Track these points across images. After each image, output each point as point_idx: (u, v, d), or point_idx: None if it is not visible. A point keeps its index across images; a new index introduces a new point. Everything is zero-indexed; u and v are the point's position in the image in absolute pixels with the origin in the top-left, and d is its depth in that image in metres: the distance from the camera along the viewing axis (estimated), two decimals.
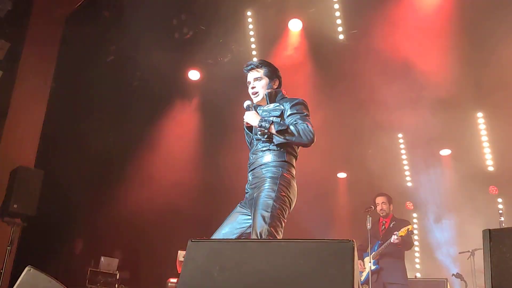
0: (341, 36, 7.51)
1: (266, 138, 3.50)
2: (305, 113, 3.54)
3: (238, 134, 7.99)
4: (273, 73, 3.80)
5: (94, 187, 9.93)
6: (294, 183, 3.49)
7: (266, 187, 3.34)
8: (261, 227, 3.16)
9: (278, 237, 3.20)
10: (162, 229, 9.25)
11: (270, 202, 3.26)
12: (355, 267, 2.20)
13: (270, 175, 3.40)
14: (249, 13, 8.14)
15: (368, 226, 6.09)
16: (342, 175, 9.38)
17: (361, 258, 6.53)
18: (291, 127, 3.39)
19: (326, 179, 8.82)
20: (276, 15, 7.89)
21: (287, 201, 3.37)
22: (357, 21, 7.30)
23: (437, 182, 8.00)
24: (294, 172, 3.52)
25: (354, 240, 2.28)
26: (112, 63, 9.26)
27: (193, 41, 8.61)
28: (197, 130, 9.57)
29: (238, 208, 3.56)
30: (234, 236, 3.42)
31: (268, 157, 3.48)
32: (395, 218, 6.60)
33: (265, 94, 3.69)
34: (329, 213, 8.93)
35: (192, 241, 2.54)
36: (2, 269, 6.04)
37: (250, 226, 3.40)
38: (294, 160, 3.58)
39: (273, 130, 3.41)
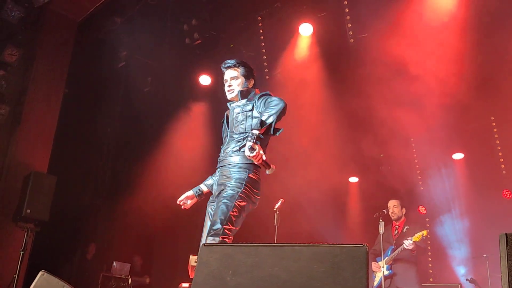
0: (351, 40, 7.49)
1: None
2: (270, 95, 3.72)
3: None
4: (249, 73, 3.96)
5: (106, 192, 9.98)
6: (259, 181, 3.69)
7: (231, 186, 3.56)
8: (216, 223, 3.41)
9: (230, 235, 3.43)
10: (173, 233, 9.26)
11: (230, 202, 3.49)
12: (368, 271, 2.19)
13: (236, 176, 3.60)
14: (259, 18, 8.14)
15: (381, 231, 6.06)
16: (354, 179, 9.34)
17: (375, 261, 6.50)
18: (265, 110, 3.53)
19: (338, 184, 8.78)
20: (287, 19, 7.89)
21: (250, 200, 3.58)
22: (368, 25, 7.26)
23: (450, 187, 7.93)
24: (259, 171, 3.70)
25: (367, 245, 2.27)
26: (123, 69, 9.33)
27: (203, 46, 8.63)
28: (209, 135, 9.58)
29: (209, 210, 3.79)
30: None
31: (236, 158, 3.65)
32: (409, 222, 6.56)
33: (238, 91, 3.88)
34: (341, 218, 8.89)
35: (204, 245, 2.55)
36: (15, 274, 6.08)
37: None
38: None
39: (261, 129, 3.46)
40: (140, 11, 8.17)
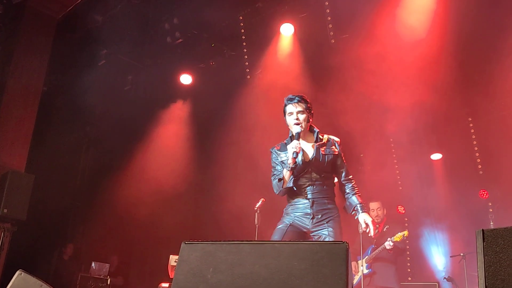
0: (332, 41, 7.53)
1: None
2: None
3: (229, 137, 7.99)
4: (310, 109, 4.27)
5: (85, 192, 9.88)
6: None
7: None
8: None
9: None
10: (153, 233, 9.21)
11: None
12: (349, 268, 2.20)
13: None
14: (241, 18, 8.15)
15: (360, 230, 6.09)
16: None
17: (355, 261, 6.54)
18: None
19: None
20: (268, 19, 7.91)
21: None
22: (348, 25, 7.31)
23: (428, 186, 8.03)
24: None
25: (347, 242, 2.28)
26: (103, 67, 9.23)
27: (185, 45, 8.60)
28: (189, 134, 9.55)
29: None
30: None
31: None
32: (388, 222, 6.63)
33: (315, 132, 4.28)
34: None
35: (185, 243, 2.54)
36: None
37: None
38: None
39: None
40: (121, 9, 8.10)
